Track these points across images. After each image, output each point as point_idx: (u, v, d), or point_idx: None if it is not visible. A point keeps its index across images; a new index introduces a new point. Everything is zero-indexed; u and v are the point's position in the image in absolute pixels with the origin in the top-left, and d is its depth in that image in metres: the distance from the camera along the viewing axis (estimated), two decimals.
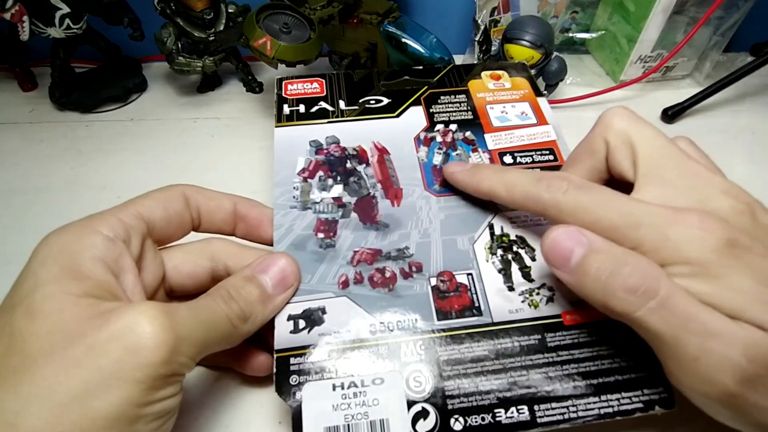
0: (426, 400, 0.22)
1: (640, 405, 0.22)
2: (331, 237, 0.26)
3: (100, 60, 0.48)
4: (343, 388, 0.22)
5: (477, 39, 0.49)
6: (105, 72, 0.48)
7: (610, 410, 0.22)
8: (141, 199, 0.23)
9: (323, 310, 0.24)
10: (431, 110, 0.33)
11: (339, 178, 0.29)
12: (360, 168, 0.29)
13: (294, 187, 0.28)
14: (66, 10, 0.40)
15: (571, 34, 0.53)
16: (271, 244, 0.26)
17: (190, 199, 0.25)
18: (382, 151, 0.30)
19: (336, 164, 0.29)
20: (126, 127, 0.45)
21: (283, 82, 0.33)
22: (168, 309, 0.19)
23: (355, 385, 0.22)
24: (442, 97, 0.33)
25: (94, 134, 0.44)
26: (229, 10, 0.44)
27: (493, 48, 0.48)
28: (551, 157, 0.31)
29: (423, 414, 0.21)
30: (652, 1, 0.44)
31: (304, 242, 0.26)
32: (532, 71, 0.43)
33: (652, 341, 0.20)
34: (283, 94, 0.33)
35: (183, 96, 0.48)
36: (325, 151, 0.30)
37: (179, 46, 0.43)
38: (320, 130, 0.31)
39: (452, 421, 0.21)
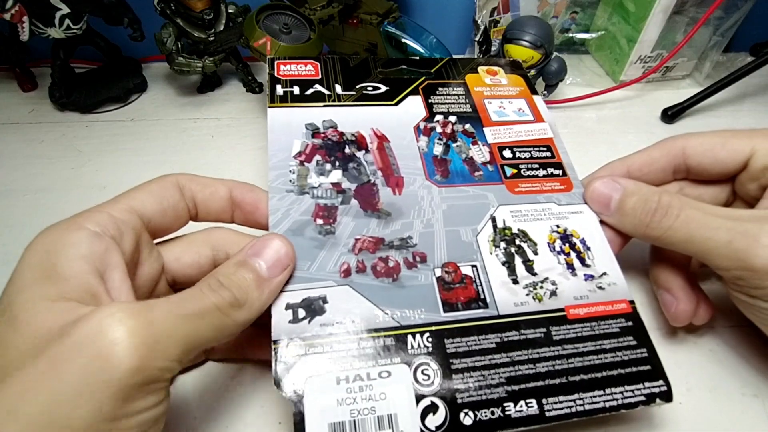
0: (435, 394, 0.21)
1: (642, 398, 0.22)
2: (331, 223, 0.25)
3: (100, 60, 0.48)
4: (348, 382, 0.21)
5: (477, 39, 0.49)
6: (105, 72, 0.48)
7: (614, 403, 0.22)
8: (133, 193, 0.23)
9: (324, 300, 0.23)
10: (430, 101, 0.32)
11: (337, 164, 0.28)
12: (359, 154, 0.28)
13: (290, 171, 0.27)
14: (66, 10, 0.40)
15: (571, 35, 0.53)
16: (268, 229, 0.25)
17: (184, 188, 0.24)
18: (382, 139, 0.29)
19: (334, 149, 0.28)
20: (126, 127, 0.45)
21: (276, 62, 0.32)
22: (141, 308, 0.17)
23: (361, 379, 0.21)
24: (440, 89, 0.33)
25: (94, 134, 0.44)
26: (229, 11, 0.44)
27: (493, 48, 0.48)
28: (548, 154, 0.31)
29: (432, 408, 0.21)
30: (652, 1, 0.44)
31: (302, 228, 0.25)
32: (533, 71, 0.43)
33: (692, 250, 0.24)
34: (276, 74, 0.31)
35: (183, 96, 0.48)
36: (322, 135, 0.29)
37: (179, 46, 0.43)
38: (316, 114, 0.30)
39: (462, 415, 0.21)
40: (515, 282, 0.25)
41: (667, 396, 0.23)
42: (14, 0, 0.37)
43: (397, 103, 0.32)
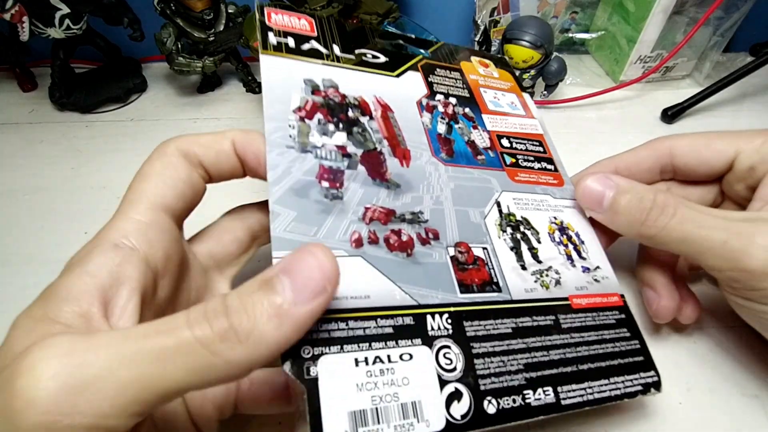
0: (458, 380, 0.19)
1: (639, 388, 0.23)
2: (338, 188, 0.23)
3: (100, 60, 0.48)
4: (367, 364, 0.18)
5: (477, 39, 0.49)
6: (105, 72, 0.48)
7: (618, 392, 0.22)
8: (145, 185, 0.20)
9: None
10: (430, 80, 0.31)
11: (341, 126, 0.25)
12: (363, 120, 0.26)
13: (290, 125, 0.24)
14: (66, 10, 0.40)
15: (570, 35, 0.53)
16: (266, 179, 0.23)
17: (188, 155, 0.22)
18: (386, 108, 0.28)
19: (336, 110, 0.26)
20: (126, 127, 0.45)
21: (266, 9, 0.28)
22: (80, 344, 0.14)
23: (381, 361, 0.19)
24: (438, 70, 0.32)
25: (94, 134, 0.44)
26: (229, 11, 0.44)
27: (492, 48, 0.48)
28: (541, 149, 0.31)
29: (456, 396, 0.19)
30: (652, 1, 0.44)
31: (307, 189, 0.22)
32: (533, 71, 0.43)
33: (686, 250, 0.23)
34: (267, 23, 0.28)
35: (183, 96, 0.48)
36: (323, 93, 0.26)
37: (179, 46, 0.43)
38: (315, 70, 0.27)
39: (485, 403, 0.19)
40: (523, 268, 0.24)
41: (658, 386, 0.23)
42: (14, 0, 0.37)
43: (398, 76, 0.30)
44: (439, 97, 0.30)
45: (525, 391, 0.20)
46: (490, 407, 0.19)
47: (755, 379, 0.27)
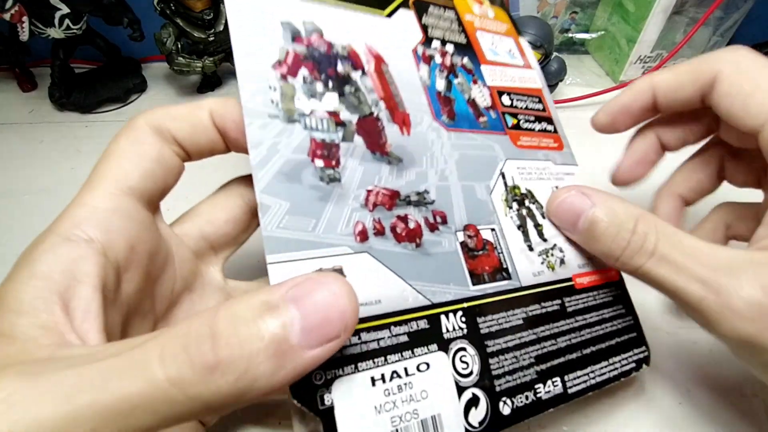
0: (475, 385, 0.18)
1: (633, 365, 0.23)
2: (334, 167, 0.19)
3: (100, 60, 0.48)
4: (384, 381, 0.17)
5: None
6: (105, 72, 0.48)
7: (615, 372, 0.22)
8: (107, 165, 0.18)
9: (341, 272, 0.17)
10: (424, 22, 0.26)
11: (331, 84, 0.21)
12: (355, 75, 0.22)
13: (270, 87, 0.19)
14: (66, 10, 0.40)
15: (570, 35, 0.53)
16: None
17: (161, 130, 0.19)
18: (379, 59, 0.23)
19: (324, 63, 0.21)
20: None
21: None
22: (32, 394, 0.12)
23: (398, 375, 0.17)
24: (431, 8, 0.27)
25: (94, 134, 0.44)
26: None
27: None
28: (540, 107, 0.28)
29: (474, 402, 0.18)
30: (651, 1, 0.44)
31: (298, 171, 0.18)
32: None
33: (666, 294, 0.21)
34: None
35: (183, 96, 0.48)
36: (306, 41, 0.21)
37: (179, 46, 0.43)
38: (293, 8, 0.22)
39: (501, 405, 0.18)
40: (530, 249, 0.23)
41: (648, 361, 0.23)
42: (14, 0, 0.37)
43: (389, 15, 0.25)
44: (435, 44, 0.26)
45: (536, 386, 0.20)
46: (505, 408, 0.19)
47: (755, 379, 0.27)
